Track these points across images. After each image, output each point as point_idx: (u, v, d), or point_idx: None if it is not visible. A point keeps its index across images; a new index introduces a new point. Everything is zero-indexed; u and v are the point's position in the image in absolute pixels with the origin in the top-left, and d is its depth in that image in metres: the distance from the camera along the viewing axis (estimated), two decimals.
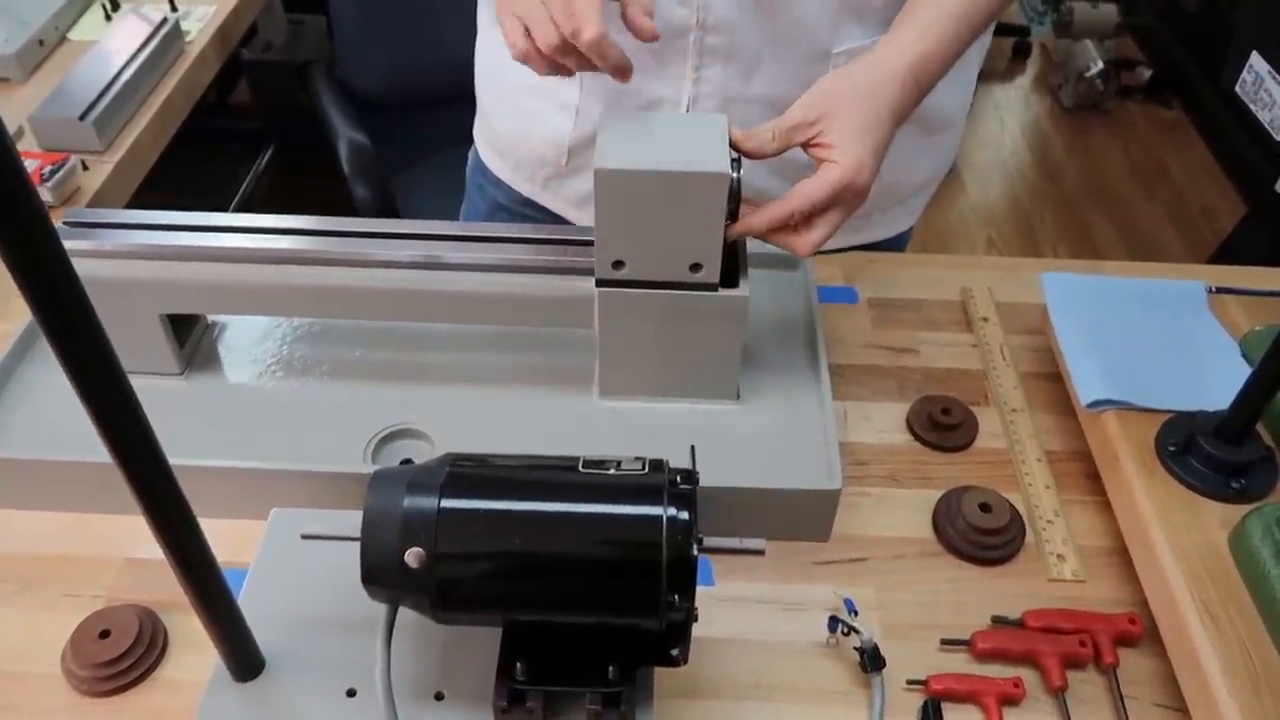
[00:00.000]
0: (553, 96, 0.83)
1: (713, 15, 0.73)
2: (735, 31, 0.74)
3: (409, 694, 0.52)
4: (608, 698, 0.49)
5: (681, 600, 0.46)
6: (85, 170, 1.00)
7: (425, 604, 0.48)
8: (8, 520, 0.66)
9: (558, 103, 0.83)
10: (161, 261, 0.66)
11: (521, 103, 0.86)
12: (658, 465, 0.49)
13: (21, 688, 0.57)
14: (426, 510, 0.46)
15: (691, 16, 0.73)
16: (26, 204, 0.32)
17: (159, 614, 0.60)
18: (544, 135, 0.85)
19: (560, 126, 0.84)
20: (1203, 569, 0.58)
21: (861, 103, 0.64)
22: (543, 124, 0.85)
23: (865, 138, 0.63)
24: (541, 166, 0.88)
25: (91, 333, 0.36)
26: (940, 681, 0.58)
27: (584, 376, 0.72)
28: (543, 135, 0.85)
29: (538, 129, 0.86)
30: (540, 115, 0.85)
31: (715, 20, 0.74)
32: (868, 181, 0.63)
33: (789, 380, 0.73)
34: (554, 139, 0.85)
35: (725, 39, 0.75)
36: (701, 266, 0.64)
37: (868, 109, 0.63)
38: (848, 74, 0.65)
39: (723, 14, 0.73)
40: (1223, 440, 0.62)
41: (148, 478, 0.41)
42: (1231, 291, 0.78)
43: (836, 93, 0.64)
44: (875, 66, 0.66)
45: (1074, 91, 2.91)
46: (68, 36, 1.22)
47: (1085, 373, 0.70)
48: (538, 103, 0.85)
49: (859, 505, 0.68)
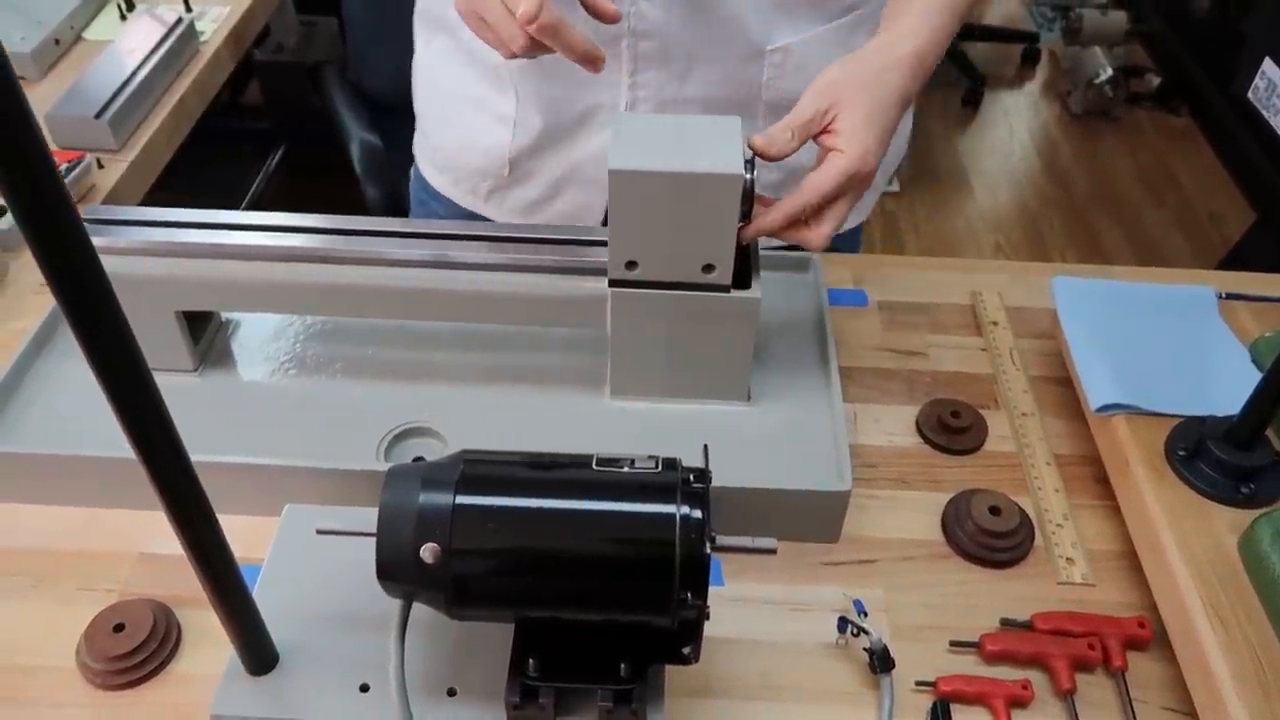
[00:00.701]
0: (490, 108, 0.83)
1: (644, 21, 0.74)
2: (667, 35, 0.75)
3: (422, 689, 0.52)
4: (619, 695, 0.49)
5: (694, 598, 0.47)
6: (100, 169, 1.00)
7: (440, 600, 0.48)
8: (23, 515, 0.66)
9: (495, 114, 0.83)
10: (177, 259, 0.67)
11: (459, 116, 0.86)
12: (671, 464, 0.50)
13: (36, 681, 0.58)
14: (442, 506, 0.47)
15: (623, 25, 0.74)
16: (58, 203, 0.33)
17: (173, 608, 0.60)
18: (483, 148, 0.85)
19: (499, 138, 0.84)
20: (1212, 573, 0.58)
21: (867, 90, 0.64)
22: (482, 136, 0.85)
23: (871, 125, 0.63)
24: (484, 179, 0.87)
25: (118, 329, 0.36)
26: (949, 683, 0.58)
27: (595, 376, 0.72)
28: (482, 148, 0.85)
29: (477, 142, 0.86)
30: (479, 128, 0.85)
31: (647, 26, 0.74)
32: (874, 168, 0.64)
33: (799, 382, 0.73)
34: (494, 151, 0.85)
35: (658, 43, 0.75)
36: (714, 268, 0.64)
37: (874, 96, 0.64)
38: (853, 63, 0.66)
39: (654, 19, 0.74)
40: (1232, 445, 0.62)
41: (169, 473, 0.42)
42: (1241, 298, 0.78)
43: (843, 82, 0.65)
44: (880, 54, 0.67)
45: (1083, 98, 2.91)
46: (83, 36, 1.23)
47: (1095, 377, 0.70)
48: (476, 115, 0.85)
49: (868, 507, 0.68)
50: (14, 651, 0.59)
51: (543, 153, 0.84)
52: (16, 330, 0.77)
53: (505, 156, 0.84)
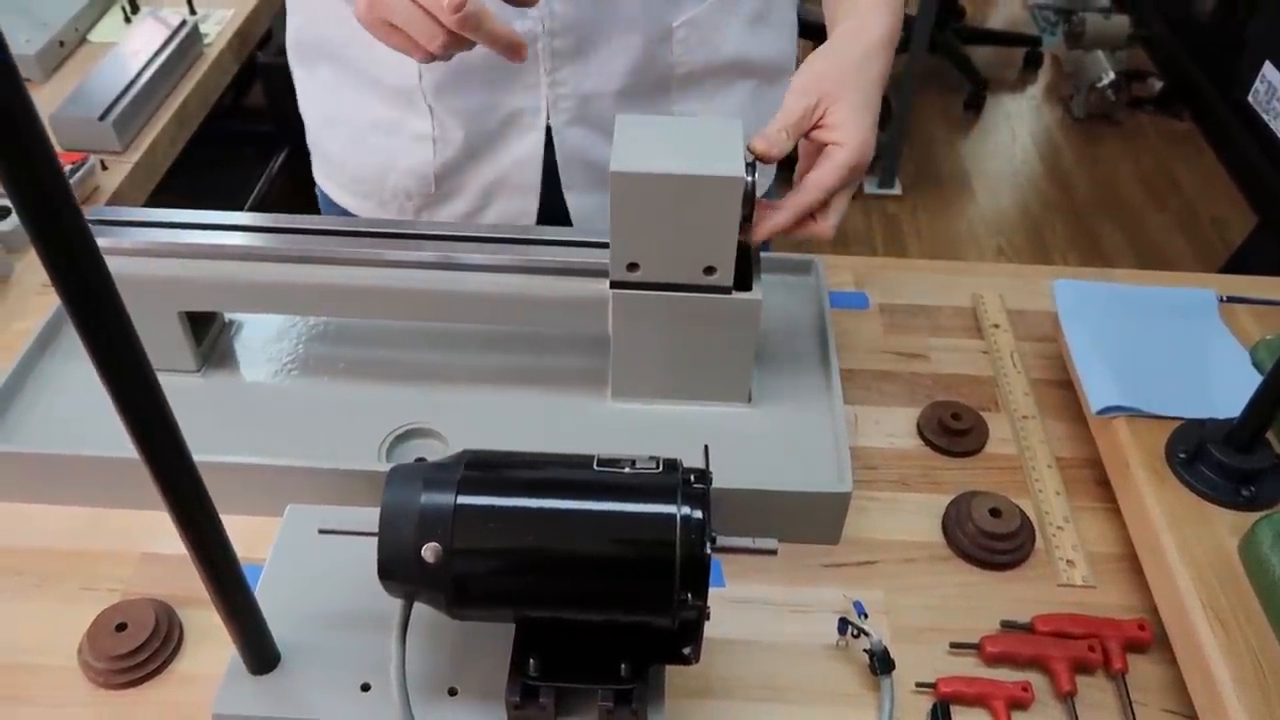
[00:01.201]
0: (404, 130, 0.82)
1: (557, 19, 0.74)
2: (580, 27, 0.75)
3: (423, 689, 0.52)
4: (619, 695, 0.50)
5: (694, 598, 0.47)
6: (104, 170, 1.01)
7: (441, 599, 0.48)
8: (26, 514, 0.66)
9: (411, 135, 0.82)
10: (180, 259, 0.67)
11: (370, 142, 0.85)
12: (672, 465, 0.50)
13: (38, 680, 0.58)
14: (443, 506, 0.47)
15: (537, 25, 0.74)
16: (63, 205, 0.33)
17: (175, 608, 0.61)
18: (404, 168, 0.84)
19: (420, 157, 0.83)
20: (1213, 576, 0.58)
21: (852, 79, 0.65)
22: (399, 158, 0.84)
23: (863, 114, 0.64)
24: (409, 198, 0.86)
25: (122, 329, 0.37)
26: (949, 684, 0.58)
27: (597, 378, 0.72)
28: (404, 168, 0.84)
29: (396, 164, 0.84)
30: (394, 150, 0.84)
31: (560, 24, 0.74)
32: (870, 156, 0.65)
33: (801, 384, 0.73)
34: (416, 170, 0.84)
35: (572, 38, 0.75)
36: (715, 270, 0.64)
37: (859, 84, 0.65)
38: (831, 54, 0.67)
39: (566, 15, 0.74)
40: (1233, 448, 0.62)
41: (172, 473, 0.42)
42: (1242, 301, 0.78)
43: (826, 74, 0.65)
44: (855, 42, 0.67)
45: (1085, 102, 2.91)
46: (88, 38, 1.24)
47: (1096, 379, 0.70)
48: (388, 139, 0.83)
49: (869, 509, 0.68)
50: (17, 650, 0.59)
51: (468, 165, 0.83)
52: (20, 330, 0.77)
53: (429, 174, 0.83)
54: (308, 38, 0.85)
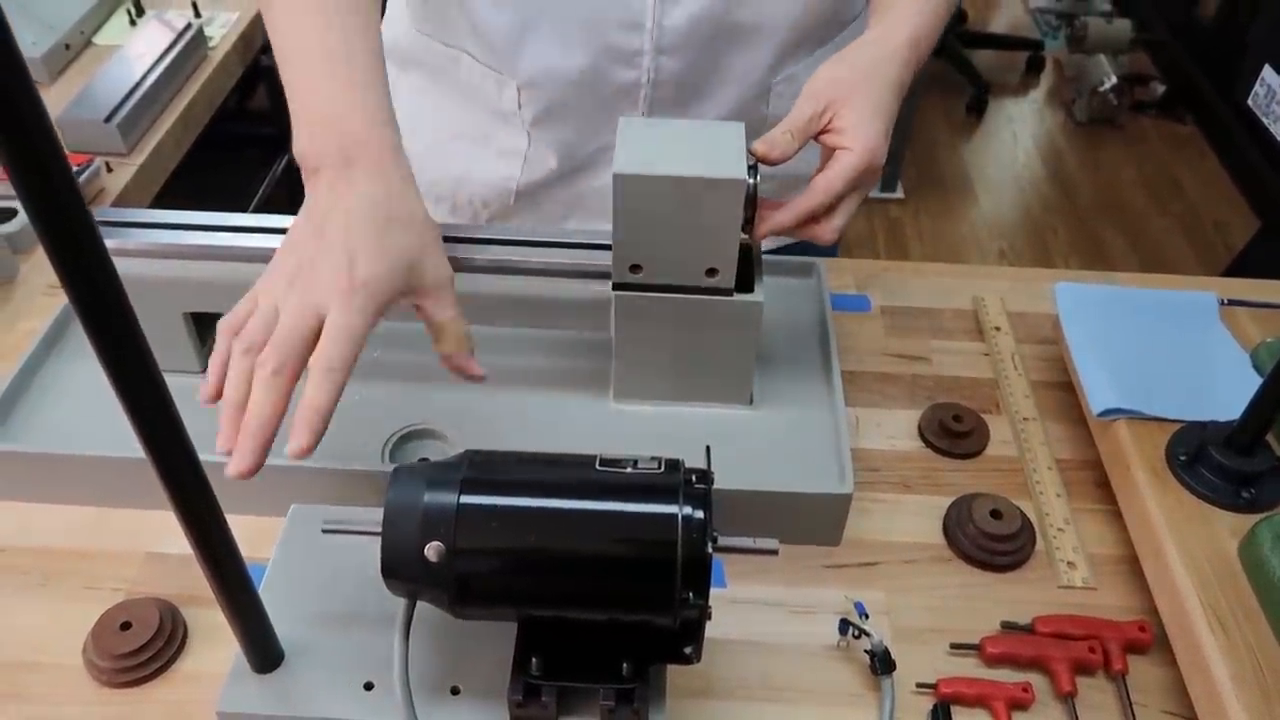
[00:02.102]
0: (494, 144, 0.83)
1: (663, 73, 0.76)
2: (684, 83, 0.77)
3: (425, 688, 0.52)
4: (621, 694, 0.50)
5: (696, 598, 0.47)
6: (109, 172, 1.01)
7: (444, 598, 0.48)
8: (31, 513, 0.67)
9: (499, 149, 0.83)
10: (185, 261, 0.68)
11: (452, 149, 0.86)
12: (674, 465, 0.50)
13: (43, 678, 0.58)
14: (446, 505, 0.47)
15: (642, 76, 0.76)
16: (72, 206, 0.33)
17: (179, 607, 0.61)
18: (484, 180, 0.85)
19: (503, 171, 0.84)
20: (1213, 577, 0.58)
21: (866, 85, 0.65)
22: (480, 168, 0.85)
23: (875, 119, 0.64)
24: (485, 207, 0.88)
25: (130, 330, 0.37)
26: (950, 685, 0.58)
27: (600, 380, 0.73)
28: (482, 180, 0.85)
29: (475, 173, 0.85)
30: (476, 159, 0.85)
31: (665, 77, 0.76)
32: (882, 162, 0.64)
33: (802, 386, 0.73)
34: (497, 184, 0.85)
35: (672, 90, 0.77)
36: (717, 271, 0.65)
37: (873, 90, 0.64)
38: (847, 60, 0.66)
39: (672, 70, 0.76)
40: (1233, 450, 0.62)
41: (178, 472, 0.42)
42: (1243, 304, 0.78)
43: (839, 81, 0.65)
44: (875, 44, 0.67)
45: (1087, 106, 2.91)
46: (93, 41, 1.24)
47: (1096, 382, 0.70)
48: (472, 149, 0.84)
49: (870, 510, 0.69)
50: (22, 649, 0.59)
51: (554, 185, 0.85)
52: (27, 331, 0.78)
53: (512, 189, 0.84)
54: (405, 45, 0.86)
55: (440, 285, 0.58)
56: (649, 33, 0.73)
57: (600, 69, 0.76)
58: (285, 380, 0.51)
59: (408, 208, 0.58)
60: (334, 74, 0.59)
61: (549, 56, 0.76)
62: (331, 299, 0.52)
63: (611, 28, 0.74)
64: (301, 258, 0.54)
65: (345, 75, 0.59)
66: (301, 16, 0.61)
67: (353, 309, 0.52)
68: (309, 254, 0.54)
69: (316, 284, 0.53)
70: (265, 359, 0.51)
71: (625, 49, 0.75)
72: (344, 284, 0.52)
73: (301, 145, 0.59)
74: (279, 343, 0.51)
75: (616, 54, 0.75)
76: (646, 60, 0.75)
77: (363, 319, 0.53)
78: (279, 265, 0.55)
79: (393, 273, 0.55)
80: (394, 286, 0.55)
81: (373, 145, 0.58)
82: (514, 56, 0.77)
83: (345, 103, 0.58)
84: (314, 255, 0.54)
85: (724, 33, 0.75)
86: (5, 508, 0.67)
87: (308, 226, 0.56)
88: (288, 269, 0.54)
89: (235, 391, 0.52)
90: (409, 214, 0.58)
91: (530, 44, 0.76)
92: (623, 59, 0.75)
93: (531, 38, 0.75)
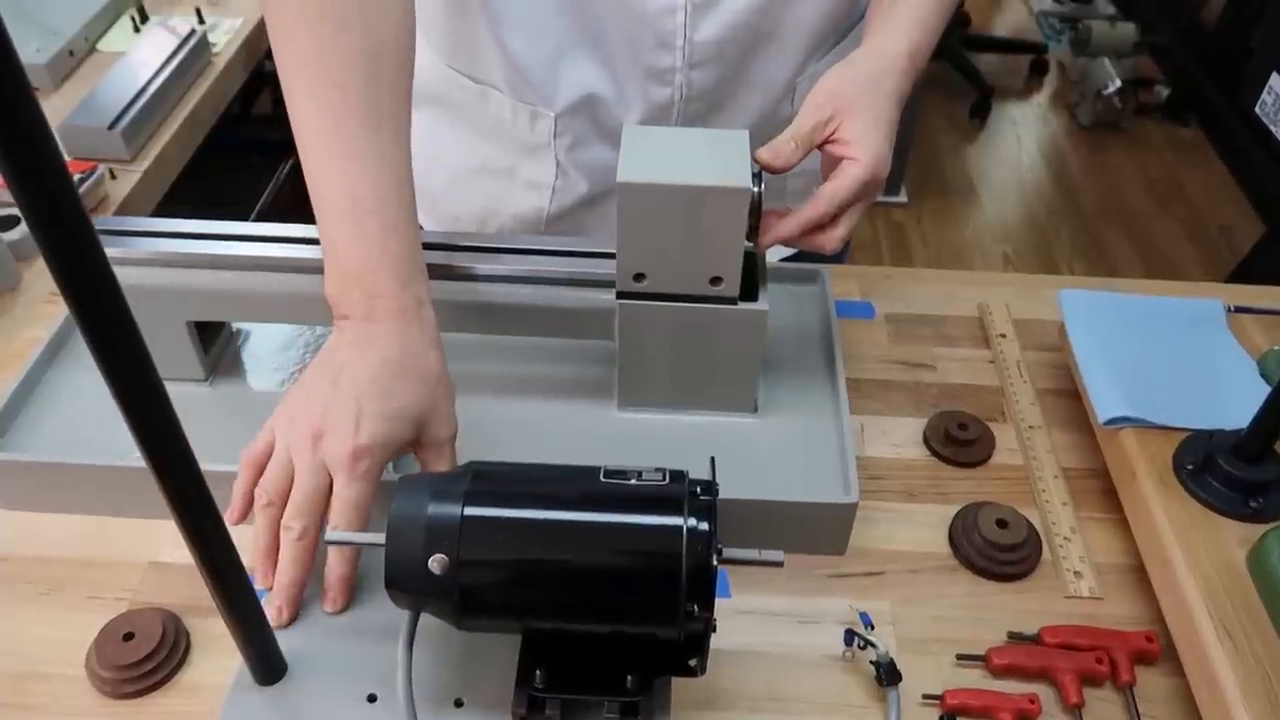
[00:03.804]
0: (520, 177, 0.84)
1: (694, 88, 0.77)
2: (714, 96, 0.78)
3: (429, 700, 0.52)
4: (625, 707, 0.50)
5: (700, 610, 0.47)
6: (113, 179, 1.01)
7: (448, 610, 0.48)
8: (34, 523, 0.67)
9: (526, 181, 0.84)
10: (188, 269, 0.68)
11: (475, 183, 0.86)
12: (678, 476, 0.50)
13: (46, 688, 0.58)
14: (450, 517, 0.47)
15: (675, 93, 0.77)
16: (73, 215, 0.33)
17: (182, 618, 0.61)
18: (512, 212, 0.86)
19: (532, 203, 0.84)
20: (1220, 587, 0.58)
21: (869, 95, 0.65)
22: (507, 202, 0.85)
23: (879, 129, 0.64)
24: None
25: (130, 340, 0.37)
26: (956, 696, 0.58)
27: (603, 388, 0.72)
28: (510, 212, 0.86)
29: (503, 207, 0.86)
30: (503, 194, 0.85)
31: (695, 91, 0.77)
32: (886, 171, 0.65)
33: (807, 394, 0.73)
34: (525, 215, 0.85)
35: (704, 104, 0.79)
36: (721, 280, 0.64)
37: (876, 100, 0.65)
38: (849, 70, 0.67)
39: (703, 84, 0.77)
40: (1241, 459, 0.62)
41: (180, 482, 0.42)
42: (1250, 311, 0.78)
43: (842, 90, 0.65)
44: (875, 57, 0.68)
45: (1091, 109, 2.91)
46: (97, 47, 1.25)
47: (1103, 390, 0.70)
48: (496, 182, 0.85)
49: (875, 519, 0.68)
50: (24, 659, 0.59)
51: (584, 210, 0.85)
52: (29, 339, 0.78)
53: (542, 219, 0.85)
54: (426, 79, 0.84)
55: (442, 442, 0.61)
56: (680, 50, 0.74)
57: (633, 90, 0.77)
58: (310, 541, 0.56)
59: (422, 365, 0.60)
60: (363, 230, 0.60)
61: (584, 84, 0.77)
62: (339, 465, 0.56)
63: (644, 49, 0.75)
64: (313, 406, 0.58)
65: (376, 227, 0.60)
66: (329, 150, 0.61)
67: (356, 476, 0.56)
68: (321, 402, 0.57)
69: (326, 447, 0.56)
70: (290, 523, 0.56)
71: (657, 67, 0.76)
72: (349, 448, 0.56)
73: (331, 290, 0.61)
74: (299, 508, 0.56)
75: (649, 73, 0.76)
76: (679, 77, 0.76)
77: (367, 485, 0.56)
78: (294, 403, 0.59)
79: (397, 429, 0.58)
80: (398, 441, 0.58)
81: (396, 301, 0.60)
82: (549, 86, 0.78)
83: (374, 257, 0.60)
84: (327, 405, 0.57)
85: (751, 43, 0.76)
86: (8, 517, 0.67)
87: (325, 373, 0.59)
88: (301, 411, 0.58)
89: (263, 541, 0.57)
90: (423, 371, 0.60)
91: (565, 73, 0.77)
92: (655, 77, 0.76)
93: (566, 67, 0.76)
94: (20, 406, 0.70)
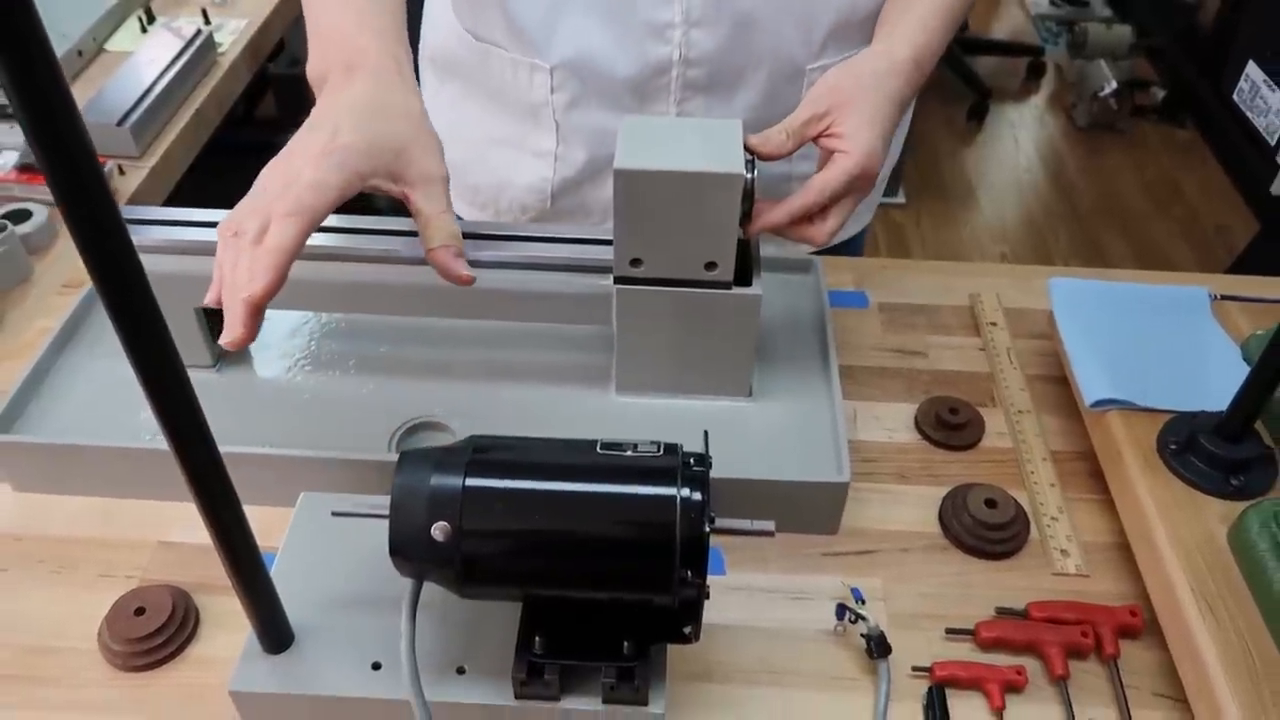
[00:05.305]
0: (526, 146, 0.84)
1: (694, 49, 0.76)
2: (715, 61, 0.77)
3: (431, 667, 0.54)
4: (622, 672, 0.51)
5: (694, 576, 0.48)
6: (122, 175, 1.03)
7: (450, 577, 0.50)
8: (47, 503, 0.68)
9: (532, 151, 0.84)
10: (198, 257, 0.69)
11: (490, 155, 0.87)
12: (672, 449, 0.51)
13: (59, 661, 0.59)
14: (453, 487, 0.49)
15: (674, 52, 0.76)
16: (102, 201, 0.35)
17: (191, 594, 0.62)
18: (523, 183, 0.86)
19: (539, 173, 0.85)
20: (1202, 563, 0.59)
21: (868, 93, 0.66)
22: (518, 172, 0.86)
23: (874, 126, 0.65)
24: (524, 212, 0.89)
25: (154, 323, 0.39)
26: (945, 668, 0.59)
27: (601, 372, 0.74)
28: (521, 183, 0.86)
29: (514, 178, 0.87)
30: (514, 164, 0.86)
31: (697, 54, 0.76)
32: (878, 168, 0.66)
33: (801, 379, 0.75)
34: (534, 186, 0.86)
35: (706, 70, 0.77)
36: (716, 265, 0.66)
37: (874, 99, 0.66)
38: (852, 69, 0.68)
39: (705, 48, 0.76)
40: (1223, 438, 0.63)
41: (199, 459, 0.44)
42: (1235, 299, 0.79)
43: (842, 86, 0.67)
44: (878, 59, 0.69)
45: (1088, 111, 2.93)
46: (105, 48, 1.27)
47: (1089, 373, 0.71)
48: (508, 153, 0.86)
49: (868, 500, 0.70)
50: (39, 634, 0.61)
51: (586, 185, 0.85)
52: (42, 328, 0.79)
53: (548, 190, 0.86)
54: (441, 55, 0.87)
55: (430, 179, 0.58)
56: (678, 2, 0.74)
57: (631, 45, 0.76)
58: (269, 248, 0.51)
59: (403, 102, 0.58)
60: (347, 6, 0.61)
61: (581, 36, 0.76)
62: (307, 162, 0.52)
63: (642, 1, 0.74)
64: (290, 149, 0.55)
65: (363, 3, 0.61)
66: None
67: (326, 166, 0.52)
68: (299, 143, 0.55)
69: (296, 154, 0.53)
70: (244, 228, 0.52)
71: (656, 21, 0.75)
72: (320, 148, 0.53)
73: (313, 65, 0.60)
74: (254, 210, 0.52)
75: (648, 28, 0.75)
76: (678, 34, 0.75)
77: (337, 176, 0.52)
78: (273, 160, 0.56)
79: (374, 148, 0.54)
80: (374, 161, 0.55)
81: (375, 54, 0.59)
82: (546, 40, 0.77)
83: (355, 23, 0.60)
84: (303, 141, 0.55)
85: (754, 5, 0.75)
86: (22, 498, 0.69)
87: (303, 127, 0.56)
88: (278, 160, 0.55)
89: (225, 268, 0.53)
90: (404, 108, 0.58)
91: (562, 25, 0.76)
92: (654, 32, 0.75)
93: (564, 19, 0.76)
94: (32, 393, 0.72)
